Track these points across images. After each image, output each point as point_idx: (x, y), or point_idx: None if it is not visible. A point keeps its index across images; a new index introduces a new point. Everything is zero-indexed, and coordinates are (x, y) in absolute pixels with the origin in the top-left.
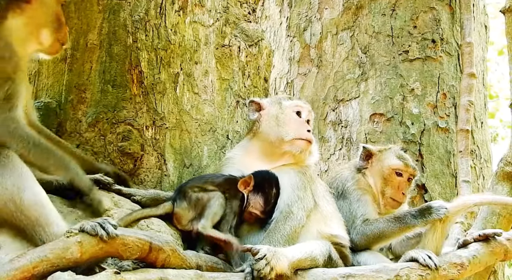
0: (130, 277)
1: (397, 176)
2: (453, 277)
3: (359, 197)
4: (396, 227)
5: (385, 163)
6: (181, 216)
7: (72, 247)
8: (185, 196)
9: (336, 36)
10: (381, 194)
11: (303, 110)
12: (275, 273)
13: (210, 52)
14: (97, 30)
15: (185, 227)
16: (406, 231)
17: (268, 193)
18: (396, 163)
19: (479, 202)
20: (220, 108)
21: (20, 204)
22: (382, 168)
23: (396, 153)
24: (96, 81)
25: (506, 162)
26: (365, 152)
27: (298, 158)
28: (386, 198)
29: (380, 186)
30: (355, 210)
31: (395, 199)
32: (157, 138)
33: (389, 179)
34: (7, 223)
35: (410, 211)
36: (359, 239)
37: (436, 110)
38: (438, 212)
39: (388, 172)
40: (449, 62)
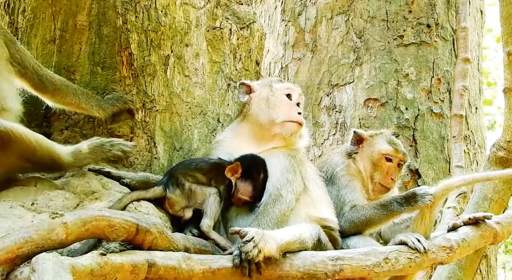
0: (116, 259)
1: (386, 161)
2: (442, 260)
3: (347, 183)
4: (382, 214)
5: (375, 148)
6: (174, 202)
7: (57, 228)
8: (177, 184)
9: (331, 20)
10: (370, 179)
11: (294, 92)
12: (263, 256)
13: (201, 35)
14: (86, 11)
15: (177, 213)
16: (392, 217)
17: (256, 179)
18: (385, 148)
19: (461, 183)
20: (211, 91)
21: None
22: (372, 153)
23: (387, 138)
24: (85, 63)
25: (498, 147)
26: (356, 136)
27: (288, 140)
28: (374, 184)
29: (369, 171)
30: (343, 196)
31: (383, 184)
32: (147, 121)
33: (378, 164)
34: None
35: (396, 198)
36: (347, 225)
37: (430, 95)
38: (423, 200)
39: (378, 157)
40: (444, 47)
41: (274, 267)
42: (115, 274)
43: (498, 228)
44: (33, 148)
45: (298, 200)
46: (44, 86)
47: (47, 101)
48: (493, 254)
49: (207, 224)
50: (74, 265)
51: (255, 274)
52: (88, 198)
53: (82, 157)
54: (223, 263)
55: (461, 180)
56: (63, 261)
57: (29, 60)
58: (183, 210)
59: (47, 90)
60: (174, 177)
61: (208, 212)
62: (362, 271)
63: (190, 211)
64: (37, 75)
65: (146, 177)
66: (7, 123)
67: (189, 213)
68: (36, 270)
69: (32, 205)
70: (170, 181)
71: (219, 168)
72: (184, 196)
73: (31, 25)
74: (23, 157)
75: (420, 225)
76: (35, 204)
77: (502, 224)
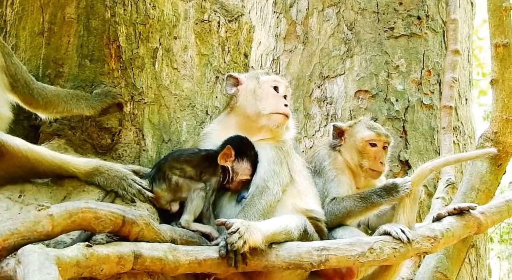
0: (102, 250)
1: (371, 147)
2: (426, 250)
3: (334, 177)
4: (362, 206)
5: (358, 136)
6: (160, 196)
7: (43, 220)
8: (164, 178)
9: (322, 12)
10: (360, 167)
11: (281, 85)
12: (249, 246)
13: (189, 27)
14: (75, 3)
15: (163, 206)
16: (373, 209)
17: (250, 155)
18: (368, 134)
19: (434, 167)
20: (199, 84)
21: None
22: (355, 142)
23: (367, 124)
24: (73, 56)
25: (486, 138)
26: (336, 130)
27: (275, 132)
28: (365, 170)
29: (357, 159)
30: (327, 189)
31: (374, 169)
32: (135, 113)
33: (364, 152)
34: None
35: (375, 190)
36: (328, 217)
37: (420, 87)
38: (404, 188)
39: (362, 145)
40: (434, 39)
41: (260, 257)
42: (101, 265)
43: (482, 218)
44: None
45: (285, 192)
46: (36, 101)
47: (40, 114)
48: (482, 244)
49: (185, 220)
50: (59, 257)
51: (241, 264)
52: (75, 190)
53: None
54: (209, 254)
55: (434, 163)
56: (48, 253)
57: (23, 74)
58: (169, 203)
59: (38, 105)
60: (161, 171)
61: (189, 208)
62: (347, 261)
63: (177, 205)
64: (28, 89)
65: (137, 169)
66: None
67: (176, 207)
68: (22, 261)
69: (19, 198)
70: (157, 175)
71: (209, 159)
72: (170, 190)
73: (19, 18)
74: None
75: (402, 216)
76: (22, 197)
77: (486, 214)
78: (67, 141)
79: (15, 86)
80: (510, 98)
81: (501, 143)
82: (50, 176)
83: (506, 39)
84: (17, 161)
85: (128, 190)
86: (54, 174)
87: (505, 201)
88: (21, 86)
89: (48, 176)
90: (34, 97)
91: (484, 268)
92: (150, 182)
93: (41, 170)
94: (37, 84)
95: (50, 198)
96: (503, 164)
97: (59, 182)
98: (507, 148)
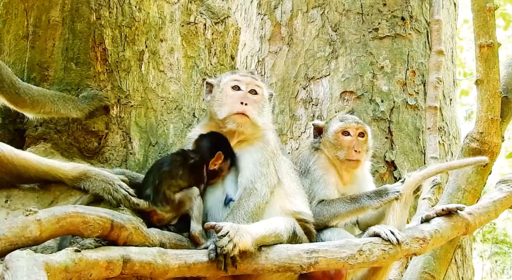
0: (91, 255)
1: (344, 137)
2: (415, 251)
3: (319, 178)
4: (351, 207)
5: (330, 130)
6: (164, 218)
7: (31, 225)
8: (166, 200)
9: (306, 14)
10: (338, 161)
11: (241, 83)
12: (238, 250)
13: (175, 30)
14: (60, 6)
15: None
16: (361, 211)
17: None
18: (338, 125)
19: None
20: (186, 86)
21: None
22: (329, 136)
23: (340, 117)
24: (59, 59)
25: (471, 138)
26: (315, 128)
27: (243, 133)
28: (343, 162)
29: (333, 153)
30: (314, 190)
31: (350, 158)
32: (122, 116)
33: (338, 143)
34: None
35: (365, 193)
36: (316, 218)
37: (405, 88)
38: (394, 191)
39: (334, 137)
40: (418, 40)
41: (249, 260)
42: (90, 270)
43: (470, 218)
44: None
45: (273, 193)
46: (23, 100)
47: (27, 114)
48: (468, 244)
49: (199, 230)
50: (48, 262)
51: (230, 268)
52: (62, 195)
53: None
54: (198, 257)
55: (427, 171)
56: (37, 258)
57: (8, 74)
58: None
59: (25, 104)
60: (160, 193)
61: (196, 215)
62: (337, 263)
63: (177, 218)
64: (14, 89)
65: (122, 172)
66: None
67: (176, 220)
68: (10, 267)
69: (5, 203)
70: (157, 197)
71: (195, 168)
72: (174, 209)
73: (3, 21)
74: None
75: (392, 219)
76: (8, 202)
77: (474, 215)
78: (53, 145)
79: (0, 86)
80: (495, 99)
81: (487, 143)
82: (37, 181)
83: (490, 39)
84: (3, 167)
85: (114, 195)
86: (41, 179)
87: (492, 201)
88: (7, 85)
89: (34, 182)
90: (20, 96)
91: (469, 268)
92: (150, 204)
93: (27, 176)
94: (23, 84)
95: (37, 202)
96: (489, 165)
97: (45, 187)
98: (493, 148)
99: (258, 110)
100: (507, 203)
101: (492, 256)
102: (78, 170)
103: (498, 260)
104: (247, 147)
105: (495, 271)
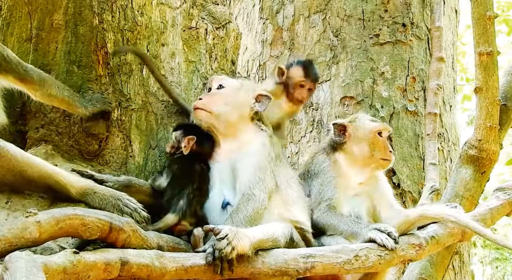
0: (89, 257)
1: (380, 137)
2: (411, 257)
3: (331, 180)
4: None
5: (366, 128)
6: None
7: (31, 227)
8: (195, 214)
9: (308, 19)
10: (371, 159)
11: (210, 83)
12: (236, 253)
13: (177, 34)
14: (63, 10)
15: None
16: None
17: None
18: (375, 125)
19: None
20: (186, 90)
21: None
22: (364, 134)
23: (368, 117)
24: (61, 62)
25: (470, 145)
26: (338, 127)
27: (213, 125)
28: (376, 161)
29: (368, 151)
30: (323, 191)
31: (386, 158)
32: (122, 119)
33: (374, 142)
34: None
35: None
36: (318, 222)
37: (405, 94)
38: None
39: (372, 135)
40: (418, 46)
41: (246, 264)
42: (88, 272)
43: None
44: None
45: (270, 199)
46: (30, 77)
47: (33, 93)
48: (466, 250)
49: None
50: (46, 264)
51: (226, 272)
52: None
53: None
54: (196, 261)
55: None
56: (36, 260)
57: (14, 55)
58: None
59: (33, 81)
60: (192, 206)
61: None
62: (333, 268)
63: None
64: (22, 66)
65: (129, 180)
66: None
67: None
68: (9, 268)
69: (6, 204)
70: (188, 210)
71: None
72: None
73: (7, 24)
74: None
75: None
76: (9, 203)
77: None
78: (54, 146)
79: (7, 67)
80: (494, 106)
81: (485, 151)
82: (39, 187)
83: (489, 47)
84: (7, 165)
85: (124, 210)
86: (44, 184)
87: (489, 209)
88: (14, 64)
89: (37, 187)
90: (28, 73)
91: (467, 274)
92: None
93: (31, 178)
94: (29, 65)
95: (37, 204)
96: (487, 172)
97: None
98: (491, 156)
99: (221, 100)
100: (504, 210)
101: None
102: (83, 184)
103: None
104: (244, 150)
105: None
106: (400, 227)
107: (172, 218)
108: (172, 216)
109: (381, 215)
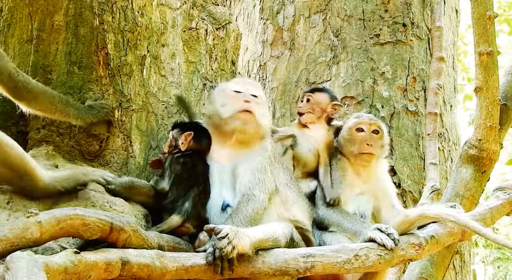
0: (90, 257)
1: (358, 132)
2: (411, 257)
3: (337, 177)
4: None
5: (345, 127)
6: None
7: (32, 227)
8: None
9: (308, 19)
10: (355, 155)
11: (241, 88)
12: (237, 252)
13: (177, 35)
14: (63, 11)
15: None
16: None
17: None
18: (352, 121)
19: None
20: (187, 91)
21: None
22: (344, 133)
23: (355, 115)
24: (62, 63)
25: (470, 145)
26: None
27: (246, 132)
28: (357, 157)
29: (348, 149)
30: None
31: (362, 152)
32: (123, 120)
33: (352, 138)
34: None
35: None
36: (323, 218)
37: (406, 94)
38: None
39: (349, 132)
40: (419, 46)
41: (246, 264)
42: (89, 272)
43: None
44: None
45: (270, 200)
46: (20, 93)
47: (23, 107)
48: (466, 250)
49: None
50: (48, 263)
51: (227, 271)
52: (64, 197)
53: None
54: (196, 260)
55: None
56: (37, 260)
57: (7, 66)
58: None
59: (22, 97)
60: (196, 208)
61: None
62: (333, 268)
63: None
64: (12, 82)
65: (131, 182)
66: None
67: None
68: (10, 268)
69: (7, 204)
70: (192, 212)
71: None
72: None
73: (8, 25)
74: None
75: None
76: (10, 203)
77: None
78: (55, 147)
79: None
80: (494, 106)
81: (485, 150)
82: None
83: (490, 47)
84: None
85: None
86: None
87: (489, 208)
88: (6, 78)
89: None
90: (18, 89)
91: (468, 274)
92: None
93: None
94: (23, 76)
95: (38, 204)
96: (487, 171)
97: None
98: (491, 155)
99: (261, 111)
100: (504, 210)
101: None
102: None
103: (501, 265)
104: (245, 153)
105: (497, 277)
106: (400, 226)
107: (177, 220)
108: (177, 217)
109: (382, 215)
